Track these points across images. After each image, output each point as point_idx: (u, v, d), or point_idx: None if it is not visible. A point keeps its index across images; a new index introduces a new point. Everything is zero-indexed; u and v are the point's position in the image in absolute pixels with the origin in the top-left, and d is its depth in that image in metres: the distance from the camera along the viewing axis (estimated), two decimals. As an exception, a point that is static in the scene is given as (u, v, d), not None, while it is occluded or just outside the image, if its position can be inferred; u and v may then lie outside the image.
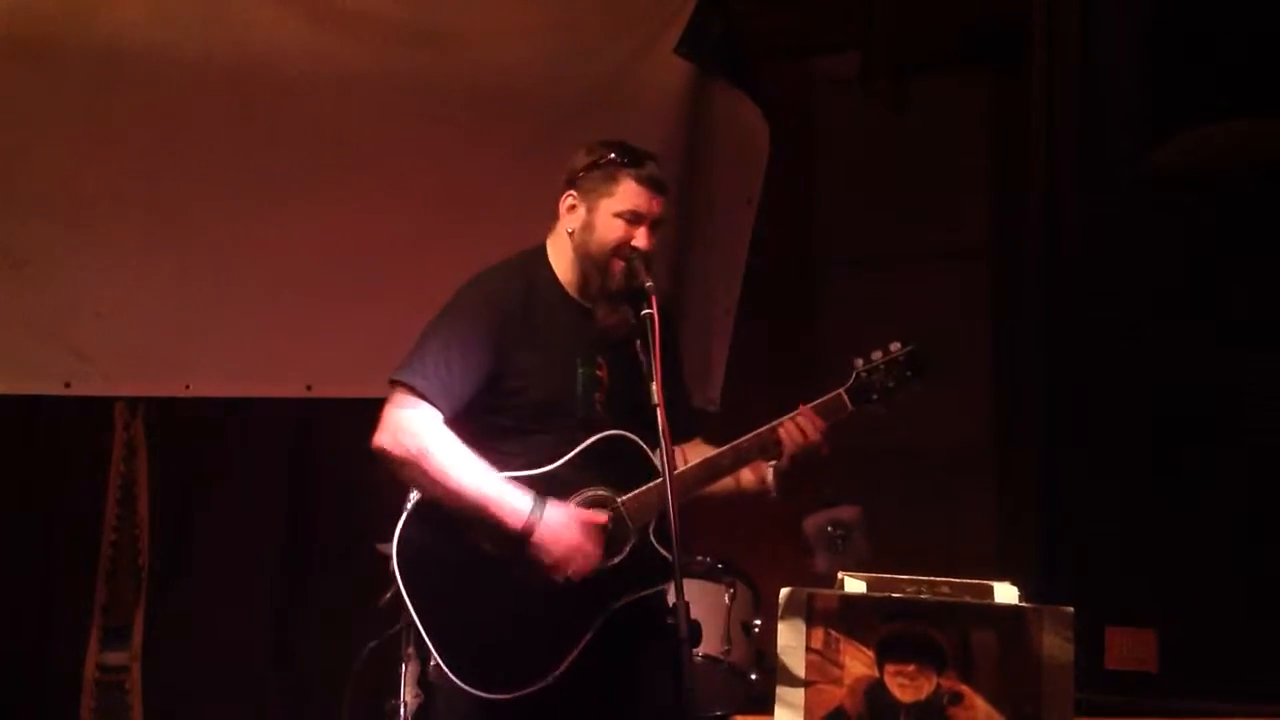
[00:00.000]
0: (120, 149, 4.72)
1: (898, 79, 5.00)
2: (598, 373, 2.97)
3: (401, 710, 4.43)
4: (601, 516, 2.86)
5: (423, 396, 2.89)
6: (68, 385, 4.81)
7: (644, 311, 2.82)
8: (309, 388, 4.92)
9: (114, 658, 4.95)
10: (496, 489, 2.84)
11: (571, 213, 3.03)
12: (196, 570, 4.98)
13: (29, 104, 4.65)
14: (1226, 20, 2.82)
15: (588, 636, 2.83)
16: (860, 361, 2.96)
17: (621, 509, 2.88)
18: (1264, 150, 2.84)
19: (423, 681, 4.47)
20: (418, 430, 2.87)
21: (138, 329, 4.80)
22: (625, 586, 2.85)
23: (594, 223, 2.98)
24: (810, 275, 5.21)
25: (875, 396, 2.94)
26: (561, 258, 3.05)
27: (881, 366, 2.94)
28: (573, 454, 2.91)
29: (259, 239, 4.80)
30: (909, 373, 2.93)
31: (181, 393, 4.89)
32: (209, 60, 4.69)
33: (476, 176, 4.81)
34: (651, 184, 2.97)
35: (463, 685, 2.81)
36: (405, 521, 2.93)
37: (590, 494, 2.91)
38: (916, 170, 4.95)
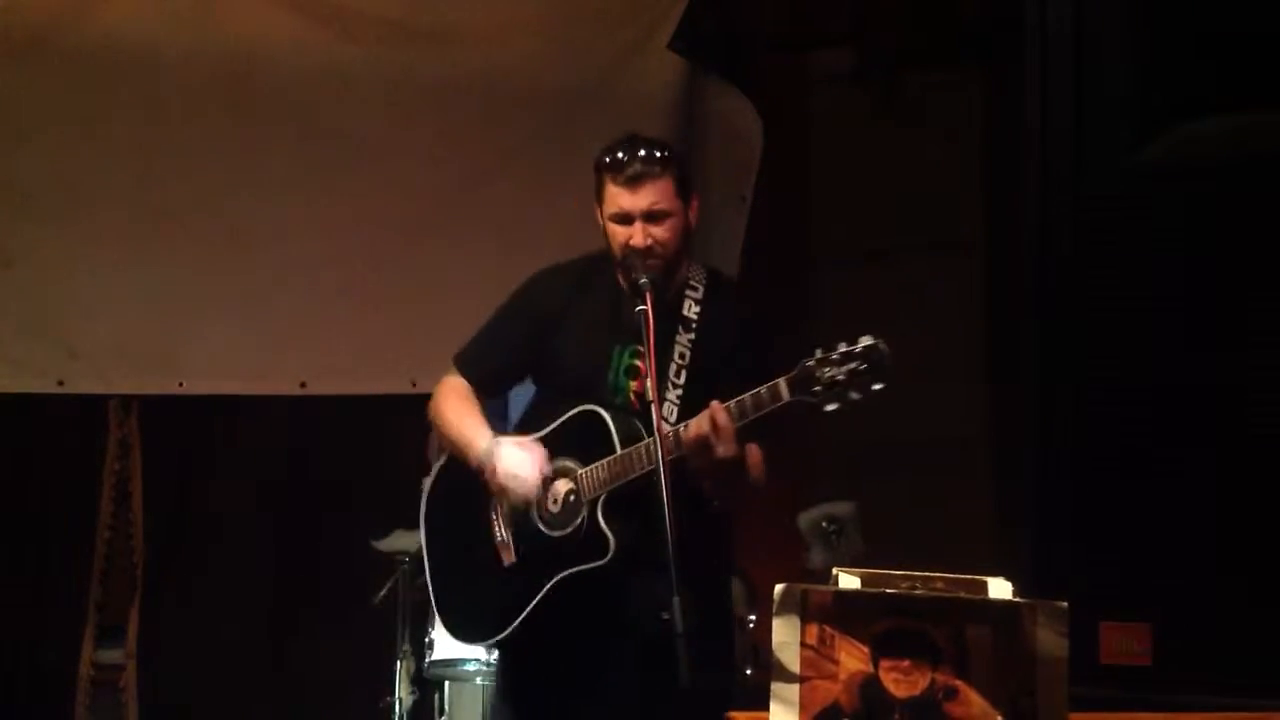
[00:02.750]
0: (112, 146, 4.72)
1: (892, 74, 5.00)
2: (637, 362, 2.97)
3: (396, 707, 4.43)
4: (541, 450, 2.96)
5: (456, 367, 3.17)
6: (61, 384, 4.81)
7: (638, 309, 2.81)
8: (303, 385, 4.93)
9: (108, 656, 4.95)
10: (469, 427, 3.06)
11: (600, 220, 3.07)
12: (191, 568, 4.98)
13: (20, 101, 4.65)
14: (1222, 14, 2.82)
15: (533, 602, 2.93)
16: (818, 352, 2.70)
17: (580, 480, 2.91)
18: (1261, 145, 2.84)
19: (417, 678, 4.48)
20: (438, 391, 3.17)
21: (131, 327, 4.79)
22: (567, 559, 2.90)
23: (604, 229, 3.02)
24: (805, 271, 5.21)
25: (819, 389, 2.66)
26: None
27: (835, 358, 2.67)
28: (554, 425, 3.00)
29: (252, 236, 4.80)
30: (863, 367, 2.64)
31: (175, 390, 4.89)
32: (201, 58, 4.69)
33: (469, 173, 4.81)
34: (630, 182, 2.95)
35: (443, 626, 3.16)
36: (435, 476, 3.21)
37: (559, 464, 2.98)
38: (911, 165, 4.95)
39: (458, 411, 3.11)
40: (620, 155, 2.99)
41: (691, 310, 3.02)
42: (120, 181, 4.74)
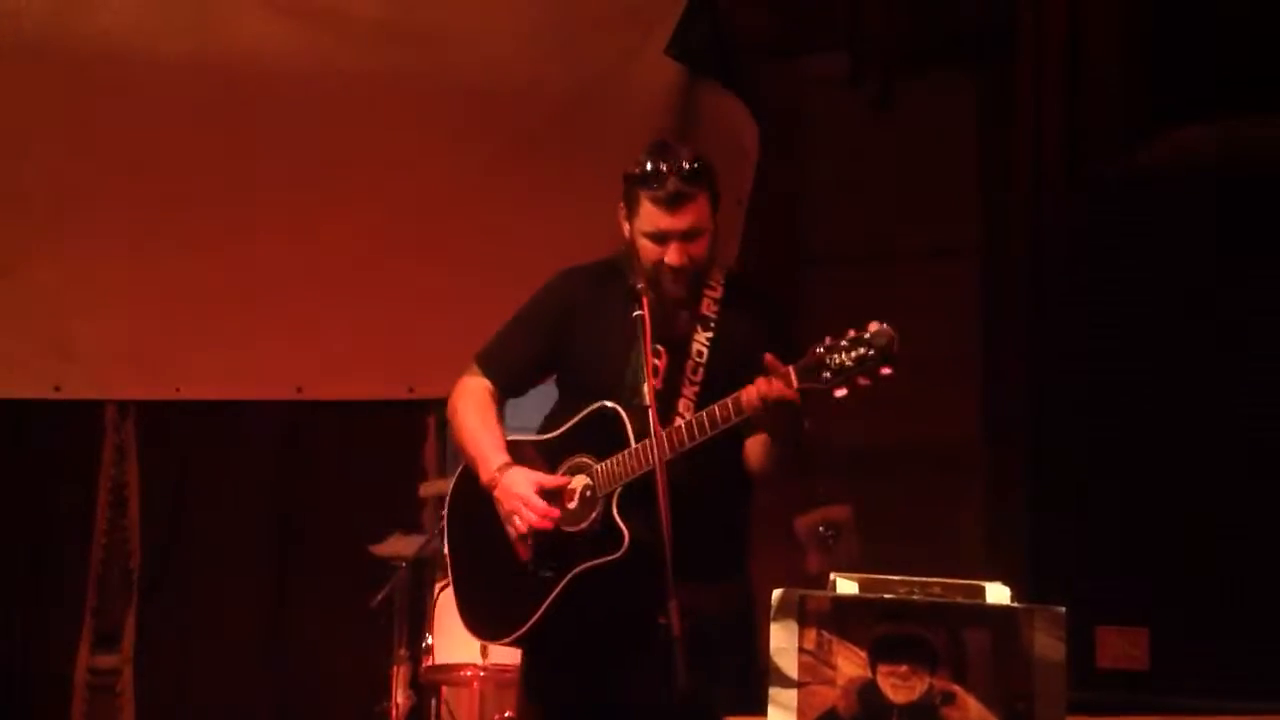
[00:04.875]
0: (107, 152, 4.71)
1: (886, 78, 5.00)
2: (655, 362, 2.98)
3: (393, 712, 4.43)
4: (560, 479, 2.96)
5: (477, 365, 3.15)
6: (57, 389, 4.81)
7: (635, 314, 2.81)
8: (299, 390, 4.93)
9: (105, 660, 4.95)
10: (485, 445, 3.04)
11: (625, 226, 3.05)
12: (187, 573, 4.98)
13: (15, 106, 4.65)
14: (1214, 18, 2.83)
15: (551, 597, 2.92)
16: (827, 339, 2.72)
17: (595, 475, 2.92)
18: (1252, 149, 2.85)
19: (414, 683, 4.47)
20: (459, 392, 3.15)
21: (127, 332, 4.79)
22: (583, 554, 2.90)
23: (634, 240, 3.00)
24: (799, 274, 5.21)
25: (828, 375, 2.67)
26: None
27: (844, 344, 2.68)
28: (571, 423, 3.01)
29: (248, 242, 4.80)
30: (871, 352, 2.64)
31: (172, 396, 4.89)
32: (195, 63, 4.68)
33: (464, 178, 4.81)
34: (668, 203, 2.91)
35: (465, 627, 3.14)
36: (455, 482, 3.20)
37: (576, 460, 2.98)
38: (905, 169, 4.95)
39: (475, 422, 3.09)
40: (658, 169, 2.91)
41: (710, 309, 3.03)
42: (116, 187, 4.74)
